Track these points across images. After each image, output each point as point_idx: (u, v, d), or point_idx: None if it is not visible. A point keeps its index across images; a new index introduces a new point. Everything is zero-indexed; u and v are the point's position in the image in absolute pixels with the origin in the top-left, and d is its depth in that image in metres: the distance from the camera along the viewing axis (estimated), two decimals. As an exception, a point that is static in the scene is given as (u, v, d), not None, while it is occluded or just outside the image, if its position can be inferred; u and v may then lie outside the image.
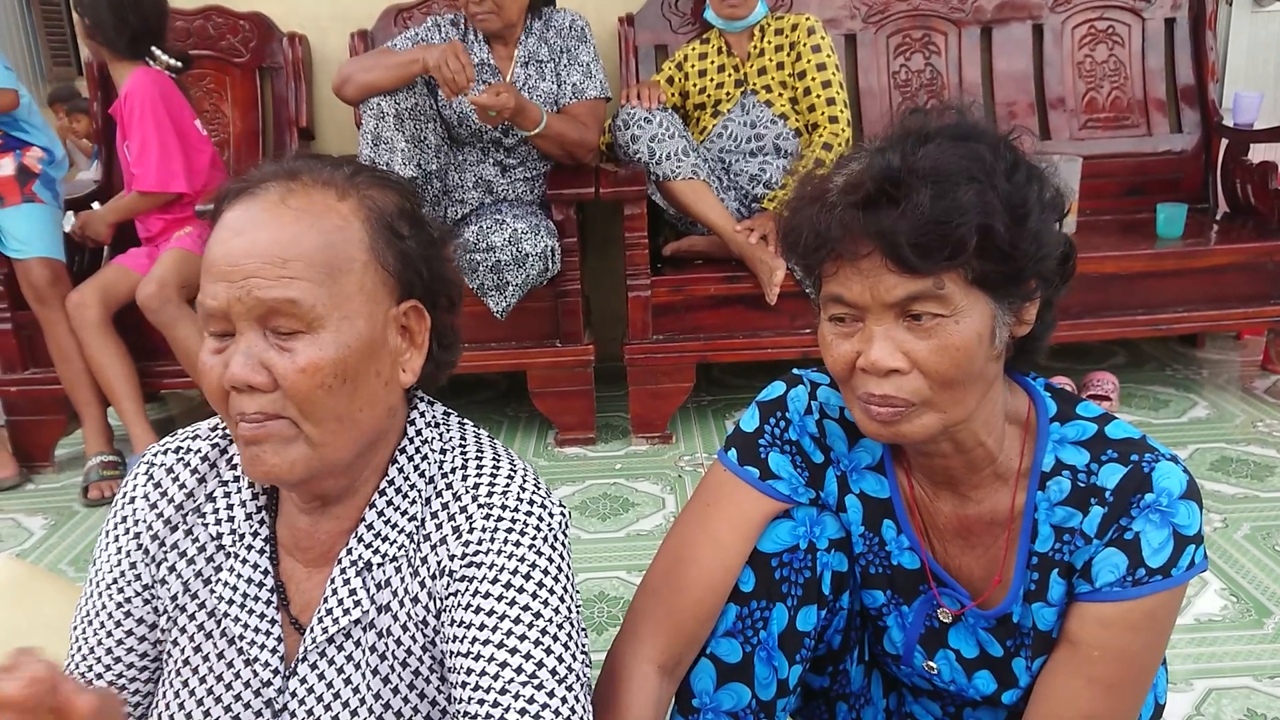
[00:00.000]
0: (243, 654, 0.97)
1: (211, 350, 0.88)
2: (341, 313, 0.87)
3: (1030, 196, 0.93)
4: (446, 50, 2.47)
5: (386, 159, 2.58)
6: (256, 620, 0.97)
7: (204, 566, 0.99)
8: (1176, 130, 3.36)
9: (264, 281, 0.85)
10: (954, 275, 0.91)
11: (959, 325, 0.92)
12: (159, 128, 2.73)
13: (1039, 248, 0.93)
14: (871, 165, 0.93)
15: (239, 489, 1.00)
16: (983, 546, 1.08)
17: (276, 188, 0.89)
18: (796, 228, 0.98)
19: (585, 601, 2.06)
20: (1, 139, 2.78)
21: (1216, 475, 2.50)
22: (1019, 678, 1.08)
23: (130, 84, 2.74)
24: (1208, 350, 3.45)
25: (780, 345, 2.84)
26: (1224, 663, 1.77)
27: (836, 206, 0.93)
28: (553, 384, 2.86)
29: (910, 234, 0.88)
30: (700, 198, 2.77)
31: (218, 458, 1.02)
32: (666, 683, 1.12)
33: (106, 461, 2.79)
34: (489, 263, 2.64)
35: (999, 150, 0.94)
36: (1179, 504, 0.96)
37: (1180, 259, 2.87)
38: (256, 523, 0.99)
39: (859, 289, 0.93)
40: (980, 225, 0.89)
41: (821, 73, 2.87)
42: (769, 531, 1.12)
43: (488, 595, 0.91)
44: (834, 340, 0.98)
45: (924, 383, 0.94)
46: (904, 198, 0.89)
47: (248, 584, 0.97)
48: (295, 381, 0.85)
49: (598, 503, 2.54)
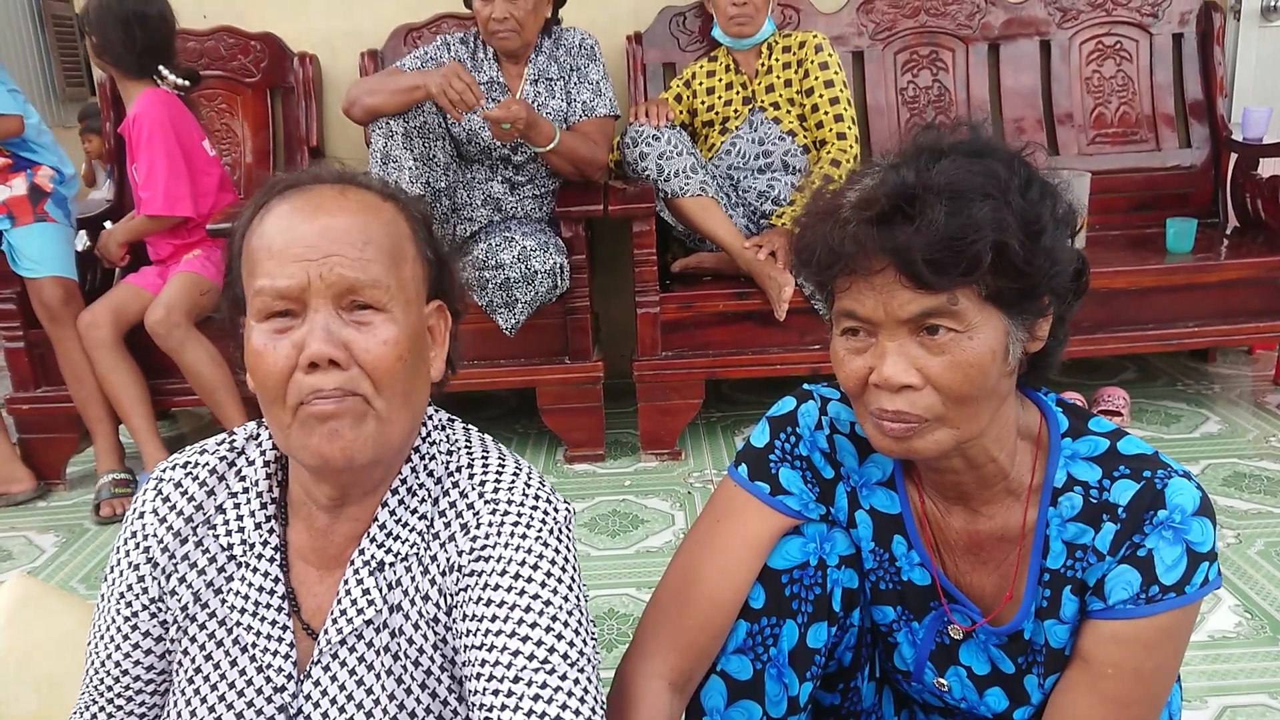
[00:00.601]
0: (255, 661, 0.98)
1: (272, 332, 0.89)
2: (405, 297, 0.92)
3: (1044, 213, 0.93)
4: (447, 74, 2.48)
5: (395, 177, 2.59)
6: (268, 627, 0.98)
7: (215, 576, 1.00)
8: (1185, 145, 3.36)
9: (346, 260, 0.88)
10: (968, 291, 0.91)
11: (973, 341, 0.92)
12: (167, 151, 2.74)
13: (1053, 264, 0.93)
14: (886, 181, 0.93)
15: (248, 500, 1.01)
16: (994, 563, 1.07)
17: (331, 184, 0.94)
18: (809, 244, 0.98)
19: (595, 618, 2.05)
20: (11, 159, 2.80)
21: (1229, 491, 2.48)
22: (1031, 695, 1.08)
23: (139, 106, 2.75)
24: (1219, 365, 3.43)
25: (789, 361, 2.84)
26: (1239, 680, 1.75)
27: (850, 222, 0.93)
28: (562, 401, 2.86)
29: (925, 250, 0.88)
30: (709, 214, 2.78)
31: (225, 470, 1.03)
32: (677, 699, 1.11)
33: (118, 479, 2.80)
34: (498, 280, 2.65)
35: (1013, 166, 0.94)
36: (1192, 520, 0.95)
37: (1191, 274, 2.86)
38: (266, 531, 1.00)
39: (872, 304, 0.93)
40: (995, 242, 0.89)
41: (829, 90, 2.88)
42: (779, 548, 1.12)
43: (497, 587, 0.92)
44: (846, 355, 0.98)
45: (937, 399, 0.94)
46: (919, 214, 0.89)
47: (259, 592, 0.98)
48: (379, 355, 0.89)
49: (607, 519, 2.54)
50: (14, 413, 2.91)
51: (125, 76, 2.80)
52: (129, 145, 2.82)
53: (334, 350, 0.87)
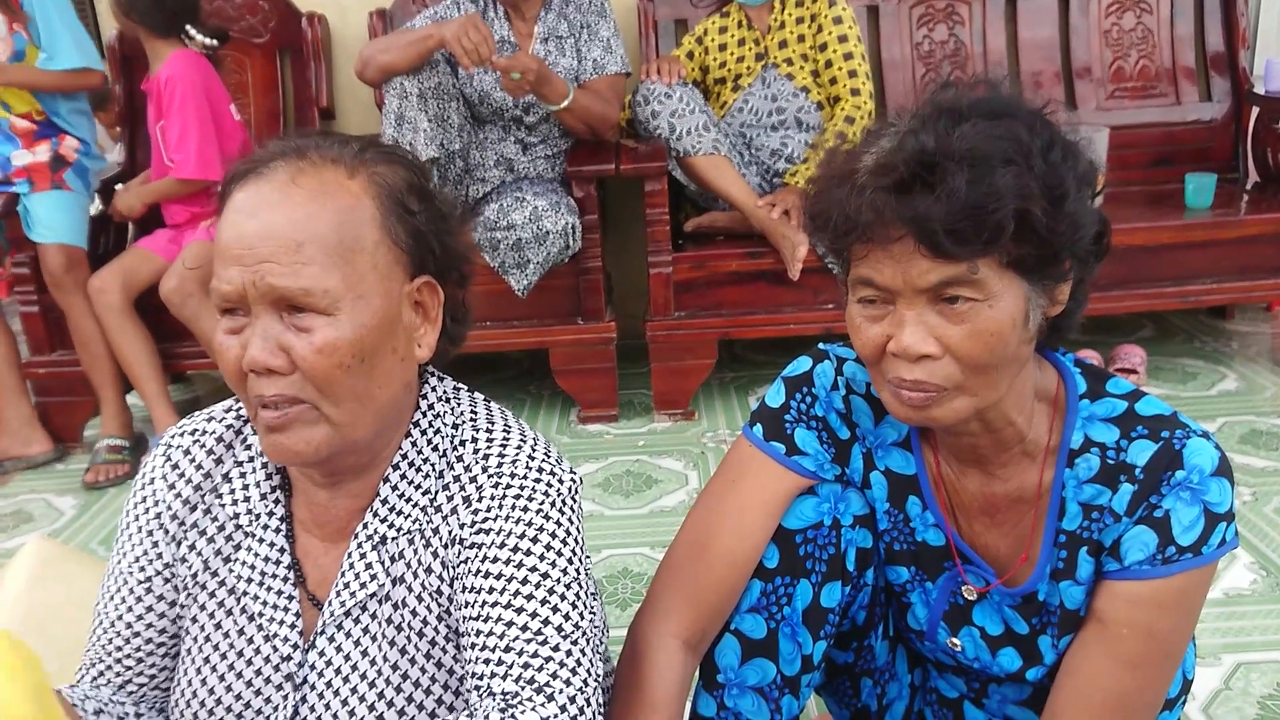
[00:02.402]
0: (262, 630, 0.99)
1: (226, 330, 0.89)
2: (356, 293, 0.88)
3: (1067, 176, 0.91)
4: (465, 23, 2.46)
5: (410, 139, 2.58)
6: (274, 597, 0.99)
7: (223, 545, 1.01)
8: (1206, 99, 3.30)
9: (278, 268, 0.85)
10: (988, 259, 0.89)
11: (992, 310, 0.91)
12: (199, 115, 2.74)
13: (1075, 228, 0.91)
14: (904, 146, 0.90)
15: (254, 469, 1.02)
16: (1009, 524, 1.07)
17: (285, 167, 0.89)
18: (824, 209, 0.95)
19: (608, 578, 2.06)
20: (41, 125, 2.81)
21: (1246, 449, 2.47)
22: (1045, 655, 1.08)
23: (171, 67, 2.74)
24: (1237, 322, 3.40)
25: (803, 321, 2.83)
26: (1253, 637, 1.76)
27: (867, 189, 0.90)
28: (575, 361, 2.86)
29: (945, 220, 0.86)
30: (721, 173, 2.75)
31: (233, 439, 1.03)
32: (690, 657, 1.12)
33: (113, 445, 2.80)
34: (510, 241, 2.64)
35: (1035, 128, 0.91)
36: (1210, 481, 0.94)
37: (1209, 229, 2.83)
38: (272, 502, 1.00)
39: (890, 273, 0.91)
40: (1018, 210, 0.87)
41: (843, 44, 2.84)
42: (794, 508, 1.12)
43: (496, 560, 0.92)
44: (863, 323, 0.97)
45: (956, 368, 0.93)
46: (939, 182, 0.87)
47: (265, 562, 0.99)
48: (314, 363, 0.86)
49: (621, 480, 2.55)
50: (31, 376, 2.93)
51: (153, 35, 2.79)
52: (156, 104, 2.81)
53: (269, 358, 0.85)
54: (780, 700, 1.11)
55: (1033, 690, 1.13)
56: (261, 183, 0.88)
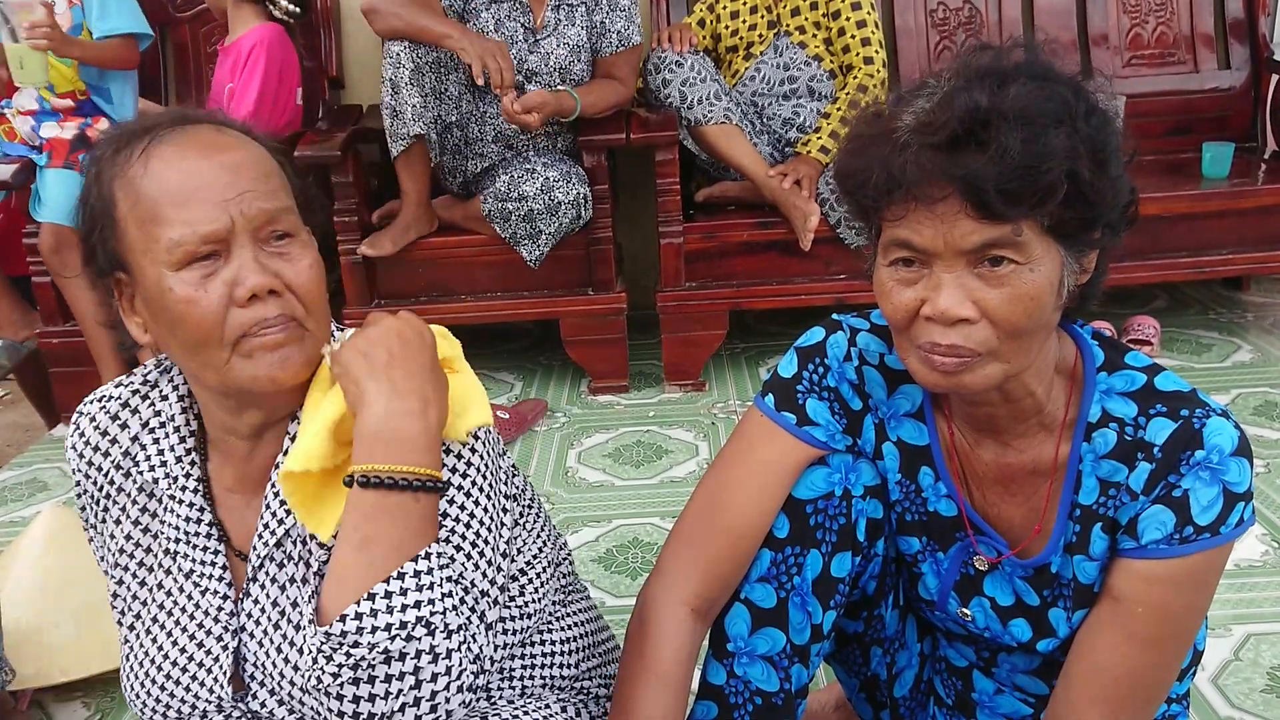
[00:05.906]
0: (198, 585, 1.02)
1: (199, 278, 0.89)
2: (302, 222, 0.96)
3: (1110, 140, 0.90)
4: (491, 48, 2.51)
5: (402, 109, 2.59)
6: (202, 554, 1.02)
7: (149, 504, 1.04)
8: (1224, 66, 3.26)
9: (260, 192, 0.90)
10: (1031, 222, 0.88)
11: (1034, 274, 0.89)
12: (277, 90, 2.84)
13: (1116, 193, 0.91)
14: (953, 103, 0.88)
15: (165, 434, 1.04)
16: (1023, 495, 1.07)
17: (199, 124, 0.94)
18: (861, 169, 0.93)
19: (619, 546, 2.07)
20: (82, 103, 2.86)
21: (1260, 420, 2.46)
22: (1056, 628, 1.08)
23: (257, 36, 2.83)
24: (1253, 293, 3.37)
25: (814, 291, 2.82)
26: (1264, 608, 1.76)
27: (910, 146, 0.88)
28: (585, 332, 2.86)
29: (998, 179, 0.85)
30: (733, 142, 2.73)
31: (139, 403, 1.05)
32: (699, 625, 1.12)
33: None
34: (521, 212, 2.63)
35: (1079, 92, 0.90)
36: (1230, 461, 0.94)
37: (1226, 199, 2.80)
38: (188, 464, 1.03)
39: (930, 234, 0.90)
40: (1068, 171, 0.86)
41: (856, 12, 2.81)
42: (804, 478, 1.12)
43: None
44: (895, 287, 0.95)
45: (992, 332, 0.91)
46: (992, 140, 0.85)
47: (188, 523, 1.02)
48: (307, 278, 0.93)
49: (631, 450, 2.55)
50: (44, 347, 2.95)
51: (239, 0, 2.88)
52: (231, 66, 2.87)
53: (272, 280, 0.90)
54: (790, 669, 1.12)
55: (1042, 660, 1.14)
56: (189, 135, 0.91)
